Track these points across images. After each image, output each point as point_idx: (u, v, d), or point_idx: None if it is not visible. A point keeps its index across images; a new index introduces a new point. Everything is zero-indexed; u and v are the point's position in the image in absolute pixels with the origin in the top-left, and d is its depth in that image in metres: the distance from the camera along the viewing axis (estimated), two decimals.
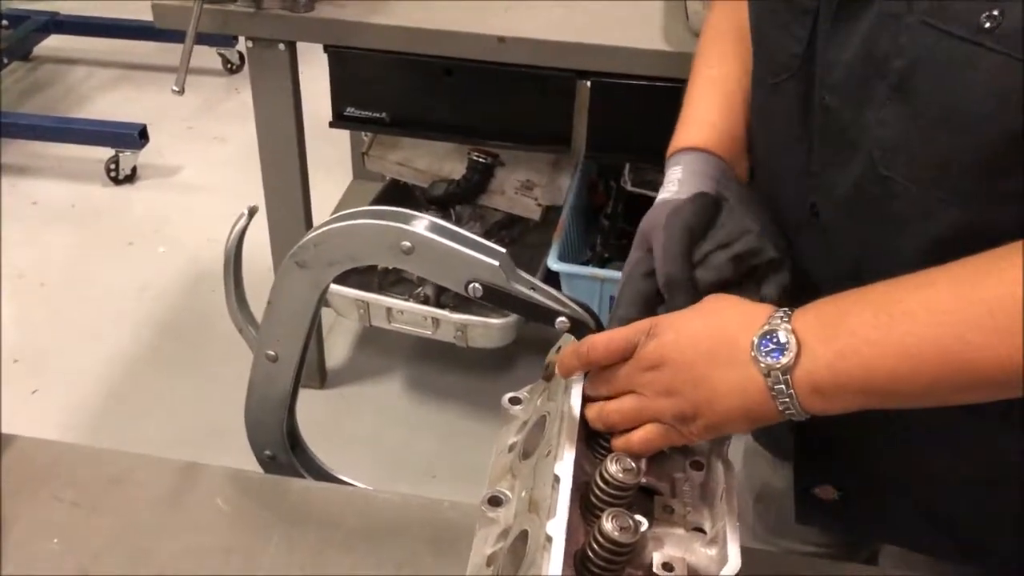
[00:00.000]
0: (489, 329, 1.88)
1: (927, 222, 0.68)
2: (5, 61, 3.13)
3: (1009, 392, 0.59)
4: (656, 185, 1.97)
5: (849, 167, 0.72)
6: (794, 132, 0.77)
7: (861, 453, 0.83)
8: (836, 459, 0.86)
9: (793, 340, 0.62)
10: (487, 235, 2.09)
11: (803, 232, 0.78)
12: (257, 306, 0.84)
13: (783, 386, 0.63)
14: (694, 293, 0.72)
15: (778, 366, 0.62)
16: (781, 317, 0.64)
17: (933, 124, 0.65)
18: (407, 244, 0.74)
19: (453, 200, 2.06)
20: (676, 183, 0.81)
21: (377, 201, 2.16)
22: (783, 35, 0.75)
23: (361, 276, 1.93)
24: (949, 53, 0.62)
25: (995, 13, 0.60)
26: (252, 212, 0.81)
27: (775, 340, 0.63)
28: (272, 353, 0.83)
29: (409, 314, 1.91)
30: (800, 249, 0.78)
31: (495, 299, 0.74)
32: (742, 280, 0.73)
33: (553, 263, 1.81)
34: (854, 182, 0.72)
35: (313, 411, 1.98)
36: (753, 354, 0.63)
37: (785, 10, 0.75)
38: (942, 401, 0.62)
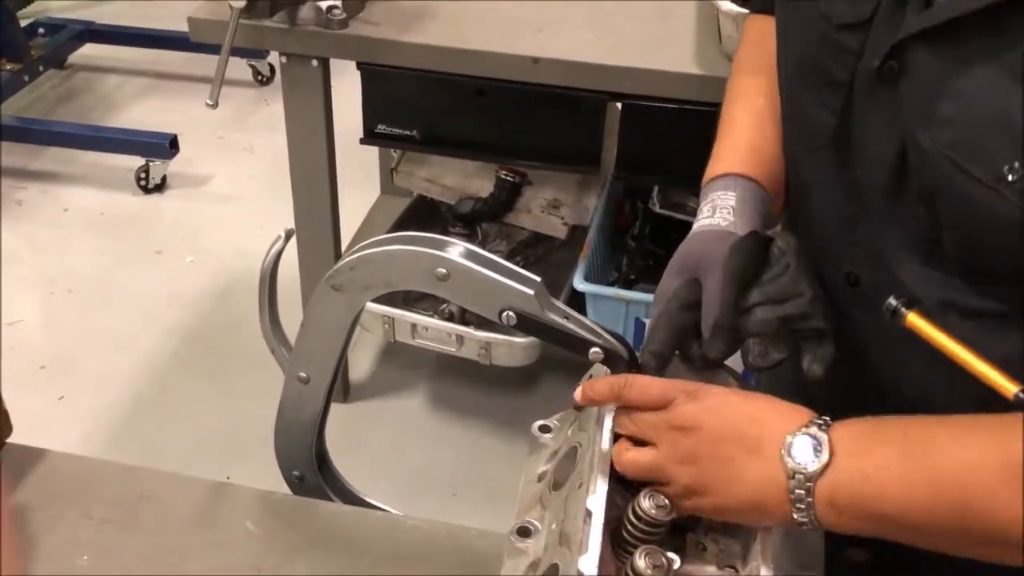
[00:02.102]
0: (513, 348, 1.88)
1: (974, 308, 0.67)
2: (41, 69, 3.18)
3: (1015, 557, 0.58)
4: (684, 207, 1.99)
5: (892, 245, 0.71)
6: (829, 199, 0.76)
7: None
8: None
9: (827, 449, 0.61)
10: (512, 253, 2.10)
11: (842, 301, 0.76)
12: (283, 317, 0.85)
13: (803, 491, 0.61)
14: (736, 341, 0.71)
15: (804, 469, 0.61)
16: (820, 425, 0.63)
17: (961, 238, 0.64)
18: (442, 271, 0.74)
19: (480, 217, 2.07)
20: (731, 211, 0.79)
21: (404, 217, 2.16)
22: (816, 105, 0.74)
23: None
24: (969, 190, 0.61)
25: (1017, 166, 0.58)
26: (289, 235, 0.81)
27: (811, 444, 0.61)
28: (304, 375, 0.83)
29: (434, 330, 1.91)
30: (840, 316, 0.76)
31: (529, 327, 0.74)
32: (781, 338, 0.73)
33: (579, 283, 1.81)
34: (896, 260, 0.70)
35: (336, 425, 1.97)
36: (782, 452, 0.62)
37: (818, 81, 0.73)
38: (956, 549, 0.61)
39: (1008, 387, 0.60)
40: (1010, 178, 0.58)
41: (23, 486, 0.85)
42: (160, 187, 2.90)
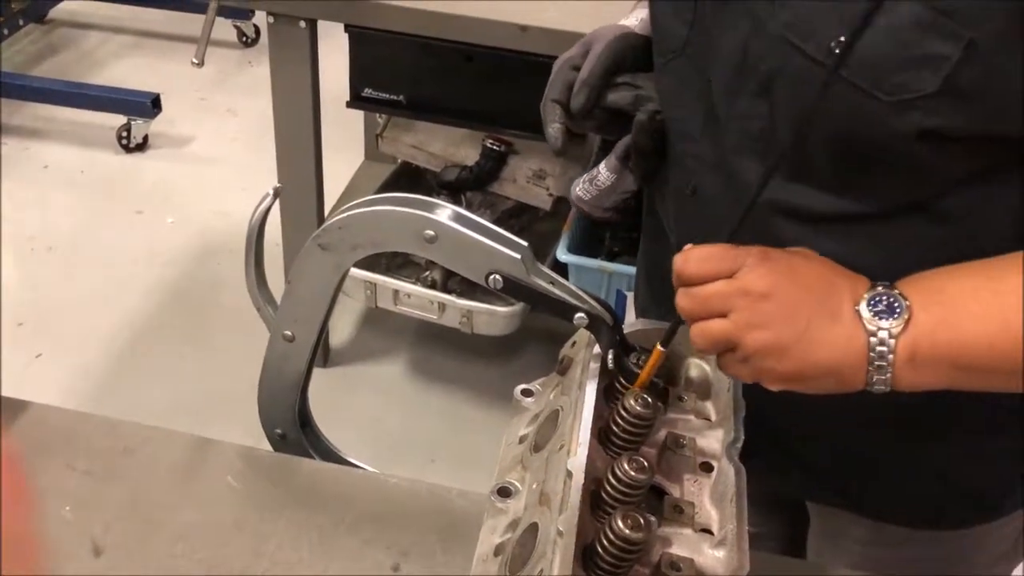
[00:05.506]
0: (494, 317, 1.89)
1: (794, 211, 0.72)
2: (20, 23, 3.12)
3: None
4: None
5: (732, 147, 0.75)
6: (679, 112, 0.81)
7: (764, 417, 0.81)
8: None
9: (905, 304, 0.61)
10: (496, 223, 2.07)
11: (684, 209, 0.84)
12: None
13: (885, 348, 0.61)
14: (596, 98, 0.82)
15: (888, 328, 0.61)
16: (885, 285, 0.63)
17: (792, 129, 0.67)
18: (431, 233, 0.74)
19: (465, 186, 2.06)
20: (638, 20, 0.89)
21: (388, 183, 2.16)
22: (673, 16, 0.79)
23: (369, 257, 1.93)
24: (803, 70, 0.65)
25: (842, 39, 0.61)
26: (277, 193, 0.81)
27: (886, 302, 0.62)
28: (289, 333, 0.84)
29: (416, 297, 1.91)
30: (681, 224, 0.84)
31: (515, 291, 0.75)
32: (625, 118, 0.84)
33: (562, 255, 1.82)
34: (736, 163, 0.75)
35: (315, 389, 1.98)
36: (861, 312, 0.62)
37: None
38: None
39: None
40: (837, 51, 0.61)
41: (6, 437, 0.85)
42: (141, 147, 2.87)
